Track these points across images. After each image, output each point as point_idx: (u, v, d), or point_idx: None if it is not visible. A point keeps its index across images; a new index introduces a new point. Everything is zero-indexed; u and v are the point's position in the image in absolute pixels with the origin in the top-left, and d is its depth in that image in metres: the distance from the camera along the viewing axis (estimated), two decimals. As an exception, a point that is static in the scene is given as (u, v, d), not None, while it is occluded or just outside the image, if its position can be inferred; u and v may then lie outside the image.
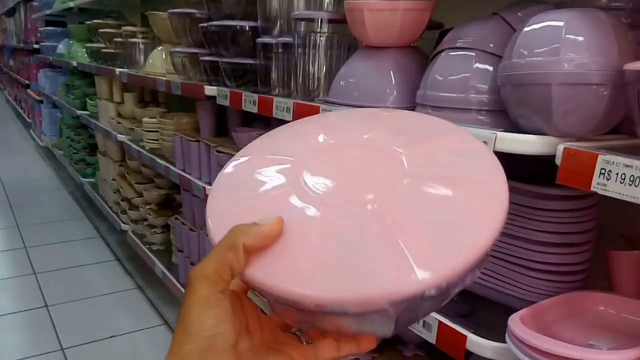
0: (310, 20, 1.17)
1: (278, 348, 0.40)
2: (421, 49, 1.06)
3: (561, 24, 0.67)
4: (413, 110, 0.92)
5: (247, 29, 1.38)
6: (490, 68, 0.79)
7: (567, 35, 0.66)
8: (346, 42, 1.14)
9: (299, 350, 0.40)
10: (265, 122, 1.76)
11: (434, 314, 0.83)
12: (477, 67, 0.81)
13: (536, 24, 0.70)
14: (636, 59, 0.62)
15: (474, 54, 0.82)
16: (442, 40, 0.90)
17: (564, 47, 0.65)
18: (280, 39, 1.24)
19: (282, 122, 0.57)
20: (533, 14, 0.74)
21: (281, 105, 1.17)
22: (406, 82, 0.97)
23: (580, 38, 0.65)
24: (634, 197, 0.56)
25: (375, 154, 0.44)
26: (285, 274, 0.35)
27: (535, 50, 0.68)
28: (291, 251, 0.37)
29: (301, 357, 0.39)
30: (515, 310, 0.73)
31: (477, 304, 0.93)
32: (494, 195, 0.38)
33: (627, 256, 0.82)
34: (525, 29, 0.70)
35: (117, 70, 2.38)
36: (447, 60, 0.86)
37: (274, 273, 0.36)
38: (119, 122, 2.55)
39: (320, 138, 0.47)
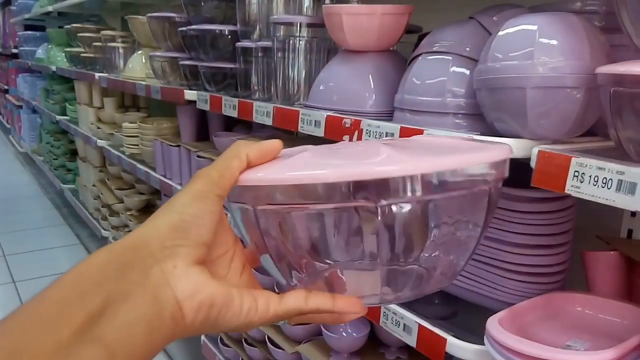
0: (290, 24, 1.17)
1: (243, 284, 0.39)
2: (400, 53, 1.06)
3: (535, 27, 0.67)
4: (391, 114, 0.93)
5: (226, 33, 1.37)
6: (467, 72, 0.80)
7: (540, 39, 0.66)
8: (325, 46, 1.14)
9: (262, 292, 0.37)
10: (246, 126, 1.75)
11: (415, 317, 0.83)
12: (453, 70, 0.81)
13: (510, 28, 0.70)
14: (609, 62, 0.63)
15: (450, 58, 0.83)
16: (420, 44, 0.90)
17: (538, 50, 0.66)
18: (259, 43, 1.24)
19: (263, 126, 0.57)
20: (508, 17, 0.74)
21: (261, 109, 1.17)
22: (385, 86, 0.97)
23: (554, 42, 0.66)
24: (606, 199, 0.57)
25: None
26: (280, 170, 0.37)
27: (510, 54, 0.68)
28: (288, 162, 0.38)
29: (263, 298, 0.36)
30: (495, 312, 0.73)
31: (457, 306, 0.94)
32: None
33: (603, 257, 0.82)
34: (500, 32, 0.71)
35: (97, 74, 2.36)
36: (424, 65, 0.86)
37: (269, 171, 0.37)
38: (98, 127, 2.52)
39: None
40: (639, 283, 0.81)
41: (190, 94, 1.50)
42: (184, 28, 1.48)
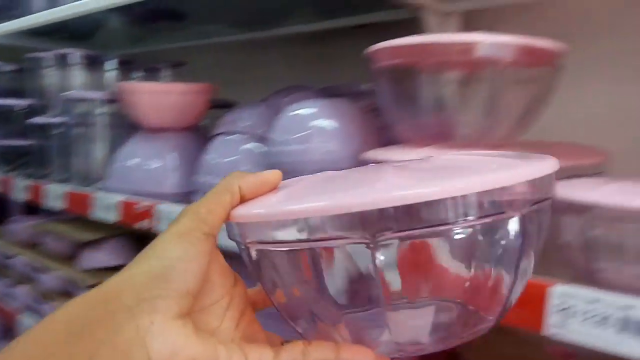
0: (86, 100, 1.09)
1: (239, 336, 0.33)
2: (205, 130, 1.03)
3: (312, 112, 0.69)
4: (192, 195, 0.88)
5: (19, 108, 1.24)
6: (259, 151, 0.79)
7: (316, 124, 0.68)
8: (126, 123, 1.07)
9: (256, 348, 0.31)
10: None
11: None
12: (246, 151, 0.80)
13: (291, 111, 0.71)
14: (380, 145, 0.66)
15: (243, 138, 0.82)
16: (217, 125, 0.88)
17: (314, 135, 0.67)
18: (55, 119, 1.13)
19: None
20: (297, 100, 0.76)
21: (52, 192, 1.05)
22: (185, 166, 0.93)
23: (329, 126, 0.68)
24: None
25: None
26: (277, 202, 0.31)
27: (290, 138, 0.69)
28: (285, 192, 0.33)
29: (255, 354, 0.31)
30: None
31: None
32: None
33: None
34: (283, 115, 0.72)
35: None
36: (219, 145, 0.84)
37: (263, 205, 0.32)
38: None
39: None
40: None
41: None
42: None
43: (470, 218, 0.28)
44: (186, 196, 0.90)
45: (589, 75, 0.81)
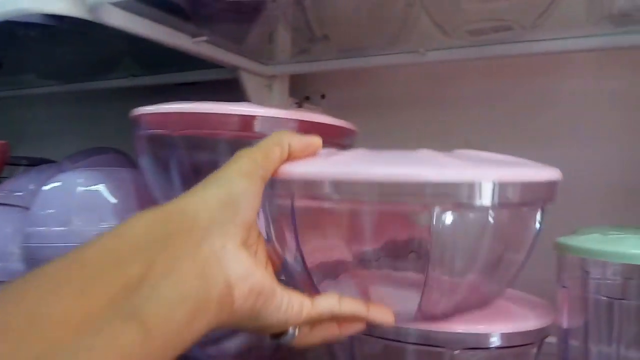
0: None
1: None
2: None
3: (76, 182, 0.58)
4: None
5: None
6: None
7: (79, 198, 0.56)
8: None
9: (294, 291, 0.32)
10: None
11: None
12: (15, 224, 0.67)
13: (52, 183, 0.59)
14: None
15: (14, 211, 0.68)
16: None
17: (76, 212, 0.56)
18: None
19: None
20: (74, 164, 0.64)
21: None
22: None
23: (96, 201, 0.57)
24: None
25: None
26: (325, 165, 0.33)
27: (47, 214, 0.57)
28: (332, 159, 0.35)
29: (297, 298, 0.31)
30: None
31: None
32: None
33: None
34: (44, 187, 0.60)
35: None
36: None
37: (311, 165, 0.34)
38: None
39: None
40: None
41: None
42: None
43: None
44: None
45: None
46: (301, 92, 0.93)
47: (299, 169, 0.33)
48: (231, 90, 0.82)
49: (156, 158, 0.49)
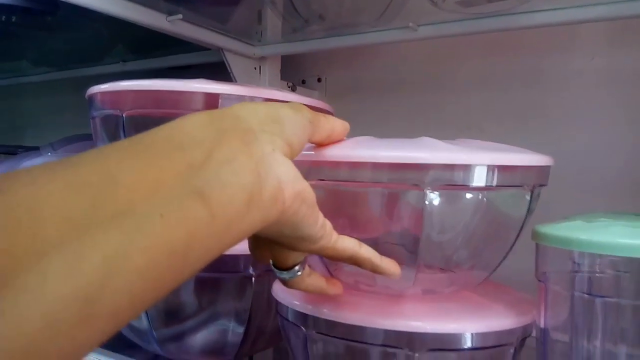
0: None
1: None
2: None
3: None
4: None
5: None
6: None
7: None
8: None
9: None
10: None
11: None
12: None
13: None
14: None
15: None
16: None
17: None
18: None
19: None
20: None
21: None
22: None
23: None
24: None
25: None
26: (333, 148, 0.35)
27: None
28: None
29: (329, 224, 0.32)
30: None
31: None
32: None
33: None
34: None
35: None
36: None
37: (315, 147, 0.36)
38: None
39: None
40: None
41: None
42: None
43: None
44: None
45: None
46: (295, 75, 0.89)
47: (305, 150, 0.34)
48: (227, 73, 0.78)
49: (111, 142, 0.46)
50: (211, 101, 0.44)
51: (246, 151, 0.26)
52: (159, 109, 0.44)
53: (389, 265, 0.35)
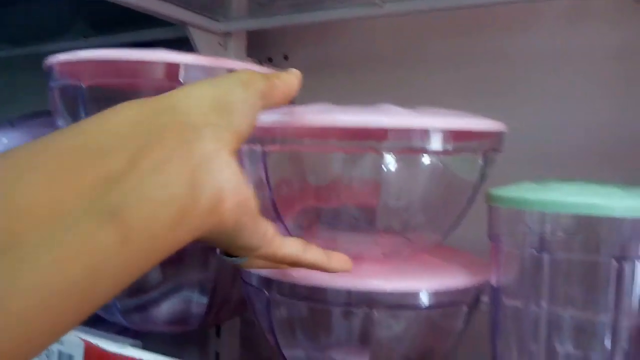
0: None
1: None
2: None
3: None
4: None
5: None
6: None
7: None
8: None
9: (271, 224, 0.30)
10: None
11: None
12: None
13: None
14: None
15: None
16: None
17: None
18: None
19: None
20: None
21: None
22: None
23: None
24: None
25: None
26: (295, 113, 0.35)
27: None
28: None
29: (272, 230, 0.30)
30: None
31: None
32: None
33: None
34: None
35: None
36: None
37: (276, 112, 0.35)
38: None
39: None
40: None
41: None
42: None
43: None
44: None
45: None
46: (261, 52, 0.88)
47: (266, 117, 0.34)
48: (192, 50, 0.78)
49: (70, 115, 0.45)
50: (172, 71, 0.44)
51: (182, 154, 0.23)
52: (120, 79, 0.43)
53: (338, 263, 0.33)
